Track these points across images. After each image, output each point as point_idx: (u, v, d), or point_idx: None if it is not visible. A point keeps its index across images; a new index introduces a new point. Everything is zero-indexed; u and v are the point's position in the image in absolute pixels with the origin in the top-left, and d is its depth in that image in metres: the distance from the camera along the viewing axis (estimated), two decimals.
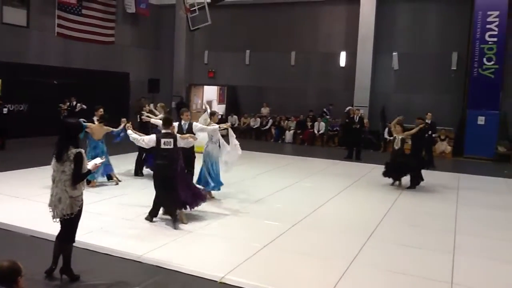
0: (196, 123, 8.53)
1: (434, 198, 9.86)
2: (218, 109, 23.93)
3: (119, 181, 9.59)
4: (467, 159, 16.26)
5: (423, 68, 18.49)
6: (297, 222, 7.41)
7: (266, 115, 20.66)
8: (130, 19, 21.38)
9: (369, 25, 18.69)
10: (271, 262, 5.71)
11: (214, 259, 5.72)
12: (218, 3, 17.93)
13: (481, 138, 16.15)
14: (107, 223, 6.91)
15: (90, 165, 5.01)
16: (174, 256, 5.66)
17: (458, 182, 11.66)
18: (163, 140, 6.87)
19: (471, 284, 5.28)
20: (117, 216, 7.31)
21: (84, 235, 5.87)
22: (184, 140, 7.30)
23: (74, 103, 15.49)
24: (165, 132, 7.04)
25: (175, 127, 7.68)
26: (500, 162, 15.58)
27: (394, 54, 18.84)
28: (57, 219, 4.85)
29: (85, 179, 5.09)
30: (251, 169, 11.58)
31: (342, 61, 19.92)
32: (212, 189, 8.52)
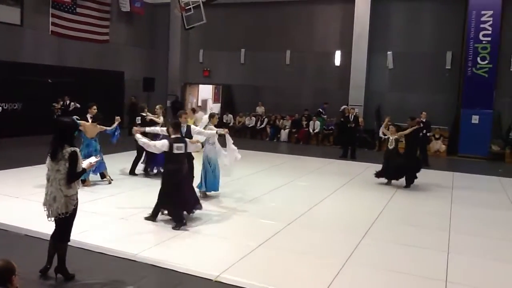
0: (194, 126, 8.52)
1: (429, 196, 9.91)
2: (213, 108, 23.95)
3: (111, 180, 9.57)
4: (461, 157, 16.35)
5: (418, 67, 18.55)
6: (293, 220, 7.42)
7: (261, 114, 20.67)
8: (125, 17, 21.30)
9: (364, 24, 18.73)
10: (267, 261, 5.71)
11: (209, 257, 5.72)
12: (213, 1, 17.94)
13: (475, 137, 16.25)
14: (101, 222, 6.89)
15: (85, 164, 5.00)
16: (169, 255, 5.66)
17: (452, 181, 11.71)
18: (175, 145, 6.81)
19: (465, 282, 5.31)
20: (111, 215, 7.29)
21: (79, 234, 5.86)
22: (193, 144, 7.33)
23: (68, 102, 15.44)
24: (176, 136, 6.97)
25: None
26: (494, 161, 15.68)
27: (388, 53, 18.88)
28: (52, 218, 4.84)
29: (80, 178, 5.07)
30: (246, 168, 11.57)
31: (337, 60, 19.94)
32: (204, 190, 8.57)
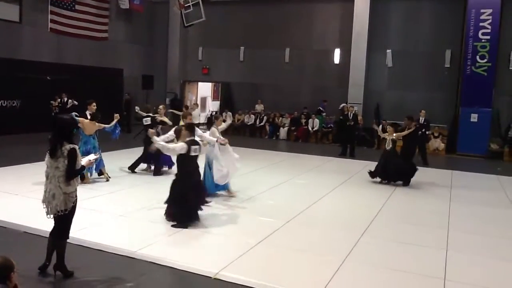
0: (197, 129, 8.45)
1: (428, 195, 9.91)
2: (213, 105, 23.95)
3: (109, 177, 9.56)
4: (460, 156, 16.37)
5: (417, 65, 18.55)
6: (291, 218, 7.43)
7: (260, 112, 20.67)
8: (124, 15, 21.25)
9: (363, 22, 18.72)
10: (265, 258, 5.72)
11: (208, 255, 5.72)
12: None
13: (474, 135, 16.27)
14: (101, 219, 6.89)
15: (84, 161, 5.00)
16: (168, 252, 5.66)
17: (451, 179, 11.73)
18: (192, 148, 6.83)
19: (464, 280, 5.32)
20: (111, 212, 7.29)
21: (78, 231, 5.86)
22: (205, 147, 7.36)
23: (65, 99, 15.35)
24: (191, 139, 6.95)
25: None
26: (492, 159, 15.70)
27: (388, 51, 18.88)
28: (51, 215, 4.83)
29: (79, 175, 5.07)
30: (245, 166, 11.51)
31: (336, 58, 19.94)
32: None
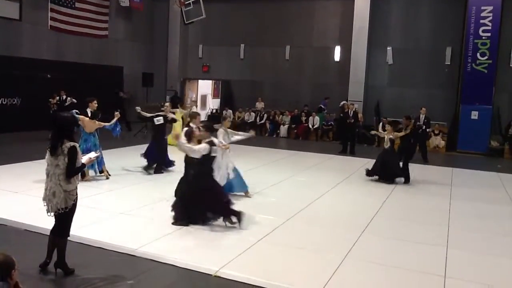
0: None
1: (428, 192, 9.92)
2: (213, 103, 23.91)
3: (109, 175, 9.56)
4: (460, 153, 16.37)
5: (417, 62, 18.54)
6: (292, 216, 7.43)
7: (260, 109, 20.65)
8: (124, 12, 21.23)
9: (364, 19, 18.70)
10: (266, 256, 5.72)
11: (209, 252, 5.73)
12: None
13: (474, 132, 16.28)
14: (101, 217, 6.90)
15: (84, 159, 5.00)
16: (168, 250, 5.66)
17: (451, 177, 11.73)
18: (213, 148, 6.79)
19: (464, 277, 5.32)
20: (111, 210, 7.29)
21: (79, 229, 5.85)
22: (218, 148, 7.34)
23: (64, 97, 15.29)
24: (211, 140, 6.85)
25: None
26: (492, 157, 15.71)
27: (388, 48, 18.87)
28: (52, 213, 4.84)
29: (80, 173, 5.08)
30: (245, 164, 11.50)
31: (337, 56, 19.93)
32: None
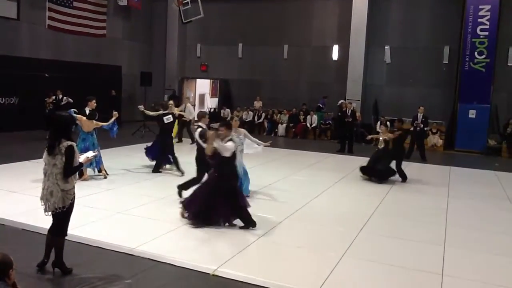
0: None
1: (425, 190, 9.94)
2: (211, 102, 23.91)
3: (107, 174, 9.56)
4: (458, 152, 16.41)
5: (415, 61, 18.56)
6: (290, 214, 7.44)
7: (258, 108, 20.66)
8: (122, 12, 21.20)
9: (362, 18, 18.70)
10: (264, 255, 5.74)
11: (207, 251, 5.74)
12: None
13: (472, 131, 16.30)
14: (99, 216, 6.89)
15: (81, 158, 5.00)
16: (166, 249, 5.67)
17: (449, 175, 11.75)
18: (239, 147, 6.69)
19: (461, 275, 5.34)
20: (109, 209, 7.28)
21: (77, 228, 5.86)
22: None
23: (60, 96, 15.24)
24: (231, 138, 6.64)
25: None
26: (490, 155, 15.74)
27: (386, 47, 18.88)
28: (49, 213, 4.83)
29: (77, 172, 5.07)
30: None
31: (335, 55, 19.94)
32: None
